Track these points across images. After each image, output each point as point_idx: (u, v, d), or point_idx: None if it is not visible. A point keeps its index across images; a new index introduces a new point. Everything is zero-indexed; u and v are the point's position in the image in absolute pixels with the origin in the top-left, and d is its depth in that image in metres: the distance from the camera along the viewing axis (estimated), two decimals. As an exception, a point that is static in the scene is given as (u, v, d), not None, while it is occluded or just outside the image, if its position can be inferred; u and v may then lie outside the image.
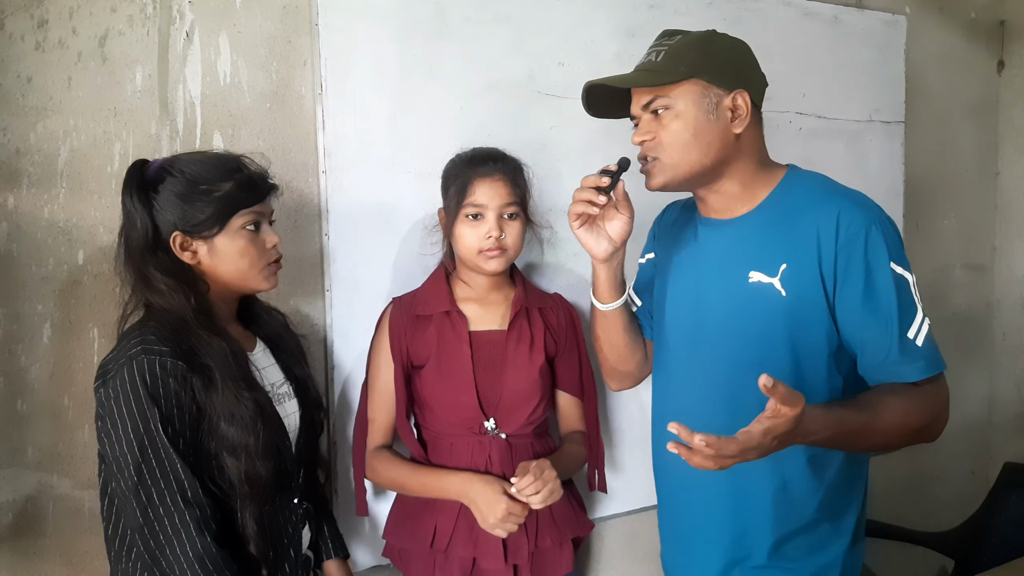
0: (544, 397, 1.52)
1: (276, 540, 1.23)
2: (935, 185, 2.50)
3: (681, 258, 1.33)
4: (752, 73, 1.22)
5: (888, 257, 1.12)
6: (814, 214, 1.15)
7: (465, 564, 1.45)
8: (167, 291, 1.15)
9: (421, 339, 1.48)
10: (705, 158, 1.18)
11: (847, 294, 1.13)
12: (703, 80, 1.17)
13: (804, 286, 1.15)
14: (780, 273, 1.16)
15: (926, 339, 1.13)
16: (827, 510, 1.23)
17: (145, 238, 1.15)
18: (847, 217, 1.12)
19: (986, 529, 1.97)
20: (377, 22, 1.58)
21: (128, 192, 1.16)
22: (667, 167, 1.20)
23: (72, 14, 1.36)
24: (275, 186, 1.27)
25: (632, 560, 1.99)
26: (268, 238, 1.24)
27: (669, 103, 1.18)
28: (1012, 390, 2.70)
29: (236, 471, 1.14)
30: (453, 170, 1.47)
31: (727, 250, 1.24)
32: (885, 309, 1.12)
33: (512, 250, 1.46)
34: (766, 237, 1.19)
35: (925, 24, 2.42)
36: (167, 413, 1.09)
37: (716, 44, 1.21)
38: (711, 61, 1.17)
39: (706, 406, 1.24)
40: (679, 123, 1.17)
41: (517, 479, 1.35)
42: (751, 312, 1.19)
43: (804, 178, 1.24)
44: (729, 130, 1.18)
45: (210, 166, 1.19)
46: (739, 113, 1.18)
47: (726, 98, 1.17)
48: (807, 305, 1.15)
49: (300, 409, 1.33)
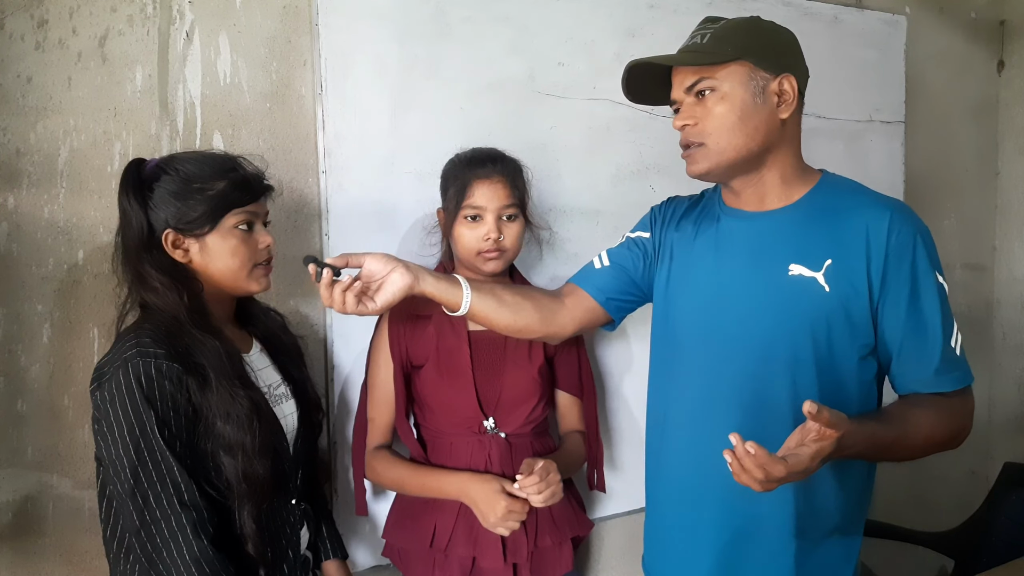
0: (543, 397, 1.52)
1: (274, 541, 1.23)
2: (935, 185, 2.50)
3: (696, 250, 1.28)
4: (798, 60, 1.20)
5: (932, 267, 1.13)
6: (864, 215, 1.14)
7: (465, 563, 1.45)
8: (162, 289, 1.15)
9: (420, 339, 1.48)
10: (751, 142, 1.15)
11: (893, 299, 1.13)
12: (750, 62, 1.14)
13: (850, 284, 1.13)
14: (824, 268, 1.14)
15: (961, 349, 1.15)
16: (840, 517, 1.21)
17: (140, 236, 1.16)
18: (899, 223, 1.12)
19: (986, 529, 1.97)
20: (377, 22, 1.58)
21: (124, 190, 1.16)
22: (712, 153, 1.16)
23: (72, 14, 1.36)
24: (270, 187, 1.27)
25: (631, 560, 1.98)
26: (261, 238, 1.24)
27: (715, 84, 1.15)
28: (1012, 390, 2.70)
29: (233, 470, 1.14)
30: (452, 171, 1.47)
31: (761, 242, 1.20)
32: (930, 318, 1.13)
33: (511, 251, 1.46)
34: (810, 231, 1.17)
35: (925, 24, 2.42)
36: (163, 416, 1.09)
37: (762, 28, 1.18)
38: (758, 44, 1.15)
39: (719, 405, 1.20)
40: (724, 106, 1.14)
41: (522, 476, 1.34)
42: (788, 305, 1.16)
43: (844, 180, 1.24)
44: (775, 115, 1.16)
45: (205, 165, 1.19)
46: (785, 98, 1.15)
47: (772, 82, 1.15)
48: (850, 304, 1.14)
49: (298, 410, 1.33)
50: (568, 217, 1.80)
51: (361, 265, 1.20)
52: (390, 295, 1.19)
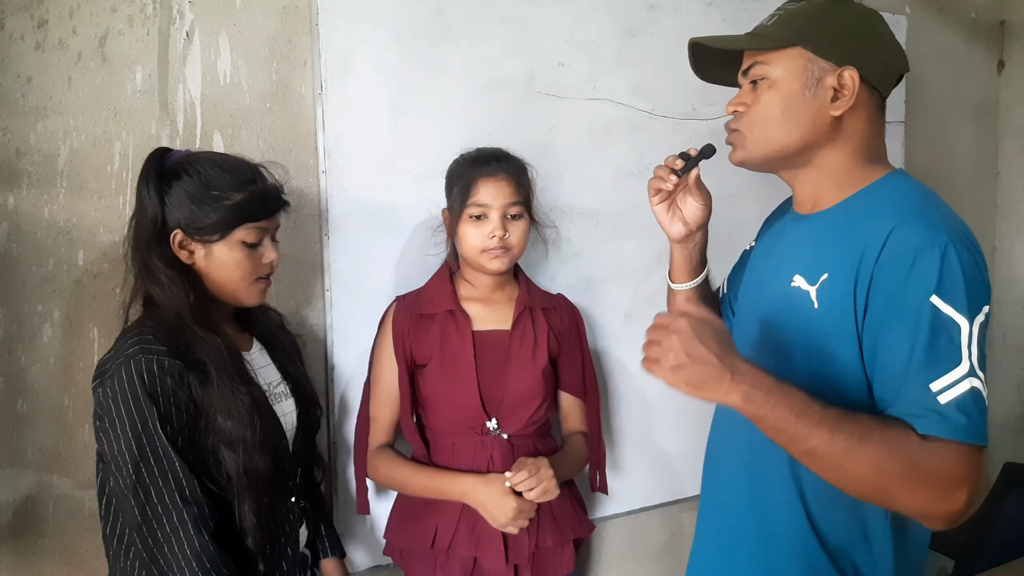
0: (547, 398, 1.52)
1: (273, 538, 1.23)
2: (935, 185, 2.42)
3: (760, 253, 1.24)
4: (873, 50, 1.05)
5: (933, 289, 0.91)
6: (870, 225, 0.99)
7: (466, 564, 1.45)
8: (167, 283, 1.15)
9: (424, 338, 1.48)
10: (789, 138, 1.05)
11: (870, 318, 0.96)
12: (808, 50, 1.03)
13: (836, 302, 1.00)
14: (820, 283, 1.02)
15: (958, 401, 0.89)
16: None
17: (153, 227, 1.16)
18: (900, 234, 0.95)
19: (986, 529, 1.97)
20: (377, 22, 1.58)
21: (144, 179, 1.16)
22: (748, 143, 1.09)
23: (72, 14, 1.36)
24: (287, 203, 1.27)
25: (633, 561, 1.99)
26: (267, 254, 1.24)
27: (767, 71, 1.06)
28: (1012, 390, 2.70)
29: (234, 464, 1.14)
30: (457, 170, 1.47)
31: (790, 248, 1.13)
32: (906, 345, 0.92)
33: (516, 250, 1.46)
34: (820, 241, 1.06)
35: (925, 24, 2.42)
36: (165, 412, 1.09)
37: (835, 12, 1.06)
38: (822, 29, 1.04)
39: (731, 416, 1.11)
40: (771, 95, 1.05)
41: (511, 474, 1.36)
42: (781, 318, 1.09)
43: (895, 185, 1.07)
44: (826, 111, 1.04)
45: (227, 173, 1.19)
46: (843, 93, 1.03)
47: (831, 74, 1.03)
48: (835, 323, 1.00)
49: (297, 408, 1.33)
50: (568, 217, 1.80)
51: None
52: (690, 217, 1.24)
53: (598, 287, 1.85)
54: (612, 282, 1.87)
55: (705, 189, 1.24)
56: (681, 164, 1.20)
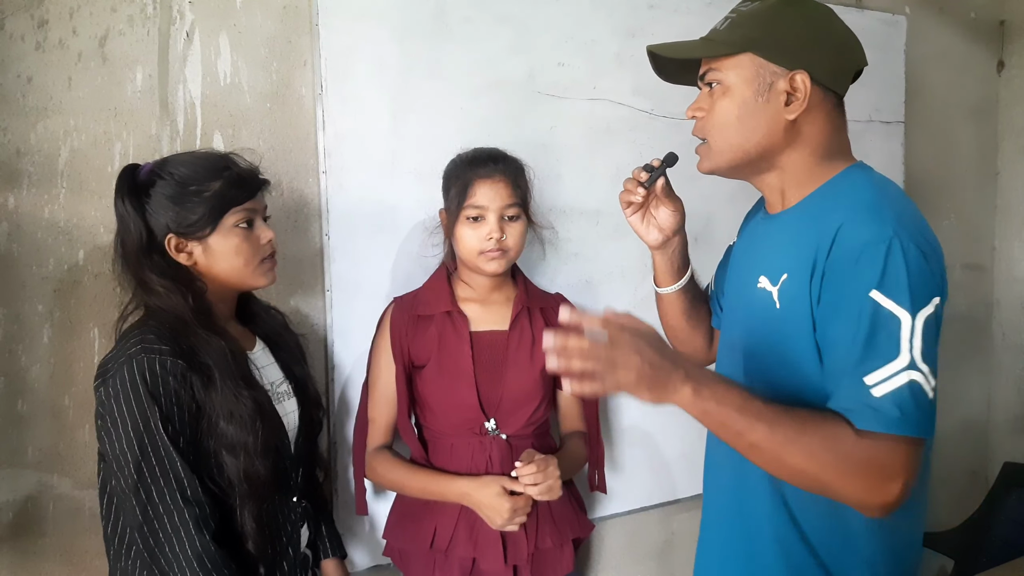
0: (545, 398, 1.52)
1: (274, 538, 1.23)
2: (935, 185, 2.50)
3: (738, 251, 1.26)
4: (825, 51, 1.05)
5: (874, 284, 0.92)
6: (823, 223, 1.00)
7: (465, 565, 1.45)
8: (164, 293, 1.15)
9: (422, 339, 1.48)
10: (747, 143, 1.06)
11: (820, 314, 0.97)
12: (758, 55, 1.03)
13: (794, 300, 1.01)
14: (780, 283, 1.04)
15: (894, 394, 0.90)
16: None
17: (140, 241, 1.16)
18: (848, 231, 0.96)
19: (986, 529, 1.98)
20: (377, 22, 1.58)
21: (120, 196, 1.17)
22: (712, 152, 1.10)
23: (72, 14, 1.36)
24: (266, 181, 1.27)
25: (632, 561, 1.99)
26: (262, 234, 1.24)
27: (721, 77, 1.06)
28: (1012, 390, 2.70)
29: (235, 469, 1.14)
30: (454, 171, 1.47)
31: (757, 249, 1.15)
32: (847, 340, 0.93)
33: (513, 251, 1.46)
34: (781, 241, 1.08)
35: (925, 24, 2.42)
36: (167, 411, 1.09)
37: (785, 14, 1.05)
38: (773, 33, 1.04)
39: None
40: (725, 101, 1.06)
41: (521, 464, 1.37)
42: (748, 319, 1.12)
43: (851, 179, 1.06)
44: (780, 115, 1.04)
45: (199, 166, 1.19)
46: (796, 96, 1.03)
47: (783, 79, 1.03)
48: (794, 323, 1.01)
49: (299, 408, 1.34)
50: (568, 217, 1.80)
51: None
52: (664, 224, 1.25)
53: (598, 287, 1.85)
54: (612, 282, 1.87)
55: (675, 195, 1.26)
56: (647, 176, 1.22)
